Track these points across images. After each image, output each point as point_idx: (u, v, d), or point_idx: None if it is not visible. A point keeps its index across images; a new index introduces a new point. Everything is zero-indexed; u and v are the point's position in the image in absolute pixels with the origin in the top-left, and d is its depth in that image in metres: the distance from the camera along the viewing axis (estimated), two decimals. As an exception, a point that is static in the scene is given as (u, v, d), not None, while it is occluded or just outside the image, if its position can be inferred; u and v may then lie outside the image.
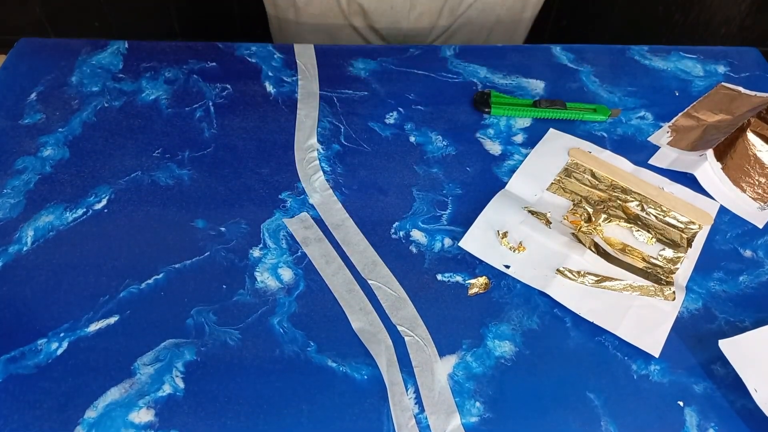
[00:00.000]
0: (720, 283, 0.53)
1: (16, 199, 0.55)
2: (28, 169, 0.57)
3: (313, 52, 0.70)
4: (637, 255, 0.54)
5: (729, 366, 0.46)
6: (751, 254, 0.55)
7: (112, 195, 0.56)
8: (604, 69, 0.71)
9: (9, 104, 0.63)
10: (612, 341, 0.49)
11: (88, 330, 0.47)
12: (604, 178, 0.60)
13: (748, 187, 0.60)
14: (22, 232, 0.53)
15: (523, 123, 0.65)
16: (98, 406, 0.43)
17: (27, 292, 0.49)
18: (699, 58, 0.73)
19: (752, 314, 0.51)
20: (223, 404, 0.44)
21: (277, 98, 0.65)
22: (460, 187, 0.59)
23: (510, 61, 0.71)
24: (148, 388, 0.44)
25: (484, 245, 0.54)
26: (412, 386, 0.46)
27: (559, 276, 0.52)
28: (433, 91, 0.67)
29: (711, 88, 0.70)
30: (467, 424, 0.44)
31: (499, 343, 0.48)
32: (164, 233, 0.54)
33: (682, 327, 0.50)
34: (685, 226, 0.57)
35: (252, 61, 0.69)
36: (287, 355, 0.47)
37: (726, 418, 0.45)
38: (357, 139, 0.62)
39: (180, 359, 0.46)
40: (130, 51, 0.69)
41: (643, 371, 0.47)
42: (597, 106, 0.66)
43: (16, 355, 0.46)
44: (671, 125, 0.66)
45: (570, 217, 0.56)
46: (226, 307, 0.49)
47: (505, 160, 0.61)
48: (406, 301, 0.50)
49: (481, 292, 0.51)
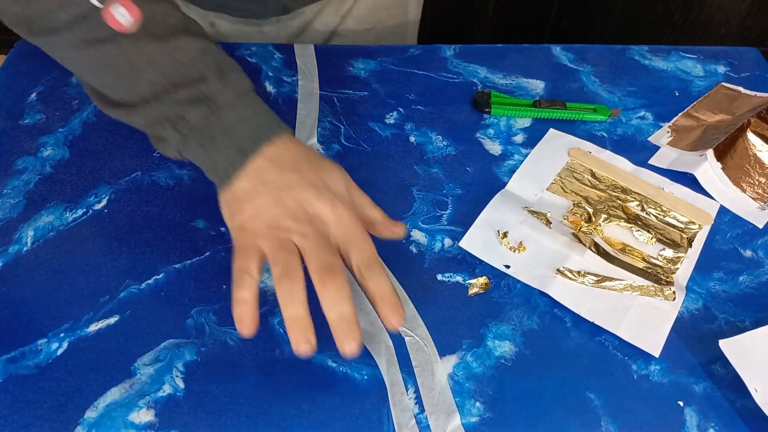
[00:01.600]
0: (720, 283, 0.53)
1: (16, 199, 0.55)
2: (28, 169, 0.57)
3: (313, 52, 0.70)
4: (637, 255, 0.54)
5: (729, 366, 0.46)
6: (751, 254, 0.55)
7: (112, 195, 0.56)
8: (604, 69, 0.71)
9: (9, 104, 0.63)
10: (612, 341, 0.49)
11: (88, 330, 0.47)
12: (604, 178, 0.60)
13: (748, 187, 0.60)
14: (22, 232, 0.53)
15: (523, 123, 0.65)
16: (98, 406, 0.43)
17: (27, 292, 0.49)
18: (699, 58, 0.73)
19: (752, 314, 0.51)
20: (223, 404, 0.44)
21: (277, 98, 0.65)
22: (460, 187, 0.59)
23: (510, 61, 0.71)
24: (148, 388, 0.44)
25: (484, 245, 0.54)
26: (412, 386, 0.46)
27: (559, 276, 0.52)
28: (433, 91, 0.67)
29: (711, 88, 0.70)
30: (467, 424, 0.44)
31: (499, 343, 0.48)
32: (164, 233, 0.54)
33: (682, 327, 0.50)
34: (685, 226, 0.57)
35: (252, 61, 0.69)
36: (287, 355, 0.47)
37: (726, 418, 0.45)
38: (357, 139, 0.62)
39: (180, 359, 0.46)
40: (130, 51, 0.69)
41: (643, 371, 0.47)
42: (597, 106, 0.66)
43: (16, 355, 0.46)
44: (671, 125, 0.66)
45: (570, 217, 0.56)
46: (226, 307, 0.49)
47: (505, 160, 0.61)
48: (406, 301, 0.50)
49: (481, 292, 0.51)
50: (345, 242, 0.43)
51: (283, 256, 0.42)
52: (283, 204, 0.43)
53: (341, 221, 0.44)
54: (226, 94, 0.45)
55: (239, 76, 0.47)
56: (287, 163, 0.45)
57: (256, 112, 0.46)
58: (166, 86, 0.44)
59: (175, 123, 0.44)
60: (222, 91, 0.45)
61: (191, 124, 0.44)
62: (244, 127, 0.45)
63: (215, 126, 0.44)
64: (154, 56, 0.44)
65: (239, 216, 0.44)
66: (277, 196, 0.43)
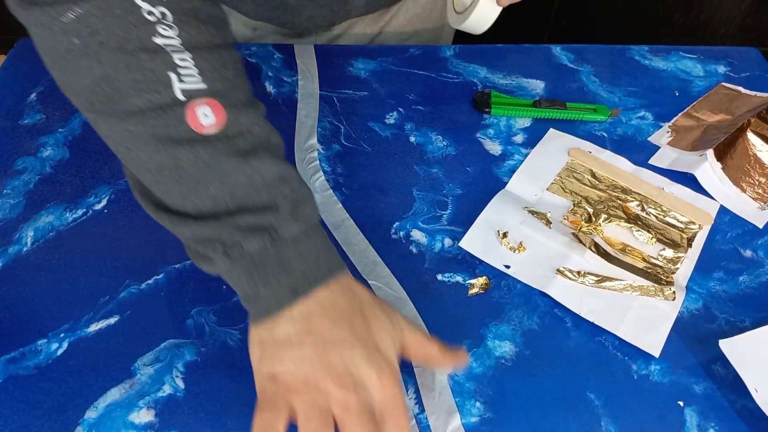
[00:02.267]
0: (720, 283, 0.53)
1: (16, 199, 0.55)
2: (28, 170, 0.57)
3: (313, 52, 0.70)
4: (637, 255, 0.54)
5: (729, 366, 0.46)
6: (751, 254, 0.55)
7: (112, 195, 0.56)
8: (604, 69, 0.71)
9: (9, 104, 0.63)
10: (612, 341, 0.49)
11: (88, 330, 0.47)
12: (604, 178, 0.60)
13: (748, 187, 0.60)
14: (22, 232, 0.53)
15: (523, 123, 0.65)
16: (98, 406, 0.43)
17: (27, 292, 0.49)
18: (699, 58, 0.73)
19: (752, 314, 0.51)
20: (223, 404, 0.44)
21: (277, 98, 0.65)
22: (460, 187, 0.59)
23: (510, 61, 0.71)
24: (148, 388, 0.44)
25: (484, 245, 0.54)
26: (412, 386, 0.46)
27: (559, 276, 0.52)
28: (433, 91, 0.67)
29: (711, 88, 0.70)
30: (467, 424, 0.44)
31: (499, 343, 0.48)
32: (164, 233, 0.53)
33: (683, 327, 0.50)
34: (685, 226, 0.57)
35: (252, 61, 0.69)
36: (287, 355, 0.47)
37: (726, 418, 0.45)
38: (357, 139, 0.62)
39: (180, 359, 0.46)
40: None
41: (644, 371, 0.47)
42: (597, 106, 0.66)
43: (16, 356, 0.46)
44: (671, 125, 0.66)
45: (570, 217, 0.56)
46: (226, 307, 0.49)
47: (505, 160, 0.61)
48: (407, 301, 0.50)
49: (481, 292, 0.51)
50: (383, 412, 0.39)
51: (316, 425, 0.37)
52: (328, 362, 0.38)
53: (385, 392, 0.39)
54: (294, 228, 0.40)
55: (311, 209, 0.42)
56: (339, 312, 0.40)
57: (318, 250, 0.41)
58: (231, 207, 0.39)
59: (229, 247, 0.39)
60: (290, 225, 0.40)
61: (245, 252, 0.39)
62: (302, 264, 0.40)
63: (271, 259, 0.39)
64: (228, 172, 0.39)
65: (274, 364, 0.39)
66: (323, 353, 0.39)
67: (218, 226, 0.39)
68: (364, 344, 0.39)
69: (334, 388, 0.38)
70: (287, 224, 0.40)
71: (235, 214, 0.39)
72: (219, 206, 0.39)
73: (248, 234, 0.39)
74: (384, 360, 0.40)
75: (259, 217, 0.39)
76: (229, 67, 0.40)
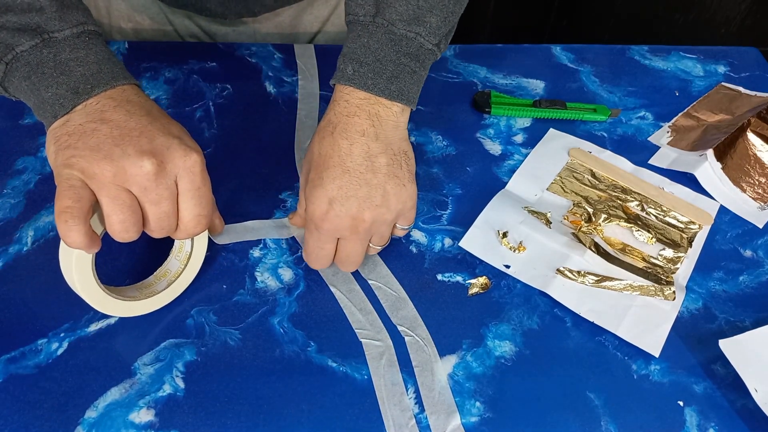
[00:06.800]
0: (720, 283, 0.53)
1: (16, 199, 0.55)
2: (28, 169, 0.57)
3: (313, 52, 0.70)
4: (637, 255, 0.54)
5: (729, 366, 0.46)
6: (751, 254, 0.55)
7: (112, 195, 0.56)
8: (604, 69, 0.71)
9: (9, 104, 0.63)
10: (612, 341, 0.49)
11: (88, 330, 0.47)
12: (604, 178, 0.60)
13: (748, 187, 0.60)
14: (22, 232, 0.53)
15: (523, 123, 0.65)
16: (98, 406, 0.43)
17: (27, 292, 0.49)
18: (699, 58, 0.73)
19: (752, 314, 0.51)
20: (223, 404, 0.44)
21: (277, 98, 0.65)
22: (460, 187, 0.59)
23: (510, 61, 0.71)
24: (148, 388, 0.44)
25: (484, 245, 0.54)
26: (412, 386, 0.46)
27: (559, 276, 0.52)
28: (433, 90, 0.67)
29: (711, 88, 0.70)
30: (467, 424, 0.44)
31: (499, 343, 0.48)
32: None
33: (682, 327, 0.50)
34: (685, 226, 0.57)
35: (252, 61, 0.69)
36: (287, 355, 0.47)
37: (726, 418, 0.45)
38: (357, 139, 0.62)
39: (180, 359, 0.46)
40: (130, 51, 0.69)
41: (643, 371, 0.47)
42: (597, 106, 0.66)
43: (16, 355, 0.46)
44: (671, 125, 0.66)
45: (570, 217, 0.56)
46: (226, 307, 0.49)
47: (505, 160, 0.61)
48: (406, 301, 0.50)
49: (481, 292, 0.51)
50: (184, 194, 0.42)
51: (120, 210, 0.39)
52: (126, 148, 0.39)
53: (192, 176, 0.41)
54: (65, 30, 0.40)
55: (82, 15, 0.42)
56: (135, 106, 0.41)
57: (99, 57, 0.41)
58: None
59: (1, 51, 0.40)
60: (58, 25, 0.40)
61: (19, 54, 0.40)
62: (82, 68, 0.40)
63: (48, 61, 0.40)
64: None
65: (68, 152, 0.39)
66: (120, 139, 0.39)
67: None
68: (164, 133, 0.40)
69: (134, 173, 0.38)
70: (55, 24, 0.40)
71: (1, 16, 0.40)
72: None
73: (17, 34, 0.40)
74: (190, 147, 0.41)
75: (24, 17, 0.40)
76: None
